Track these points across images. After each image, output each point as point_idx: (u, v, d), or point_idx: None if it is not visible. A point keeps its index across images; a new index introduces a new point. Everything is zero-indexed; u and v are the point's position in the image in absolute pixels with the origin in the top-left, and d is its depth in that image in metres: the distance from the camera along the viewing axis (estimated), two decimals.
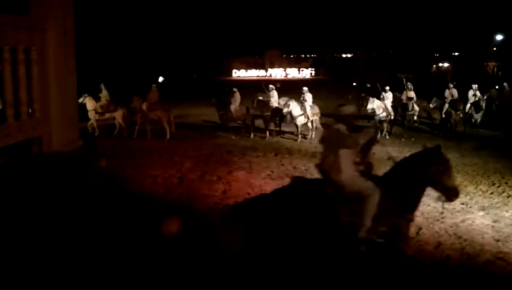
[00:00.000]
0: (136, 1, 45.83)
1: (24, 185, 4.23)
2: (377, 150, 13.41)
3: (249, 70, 69.20)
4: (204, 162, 11.84)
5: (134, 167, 10.81)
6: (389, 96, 16.21)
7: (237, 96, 16.39)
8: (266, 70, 69.94)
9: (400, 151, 13.49)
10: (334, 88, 22.96)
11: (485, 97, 17.70)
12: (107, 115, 16.13)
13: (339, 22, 64.37)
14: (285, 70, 69.95)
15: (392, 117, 16.09)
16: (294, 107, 15.05)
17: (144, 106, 15.42)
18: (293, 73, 69.11)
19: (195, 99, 24.66)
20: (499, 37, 54.06)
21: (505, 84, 20.61)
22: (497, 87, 21.49)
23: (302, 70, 69.76)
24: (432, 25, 56.90)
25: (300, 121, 15.17)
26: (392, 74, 39.36)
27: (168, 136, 15.10)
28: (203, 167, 11.21)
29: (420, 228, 7.41)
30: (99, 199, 5.68)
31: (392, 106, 16.10)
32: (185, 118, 19.88)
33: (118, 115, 15.86)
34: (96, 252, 5.16)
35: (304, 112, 15.15)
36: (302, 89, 16.15)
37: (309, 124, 15.48)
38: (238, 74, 67.90)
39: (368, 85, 22.30)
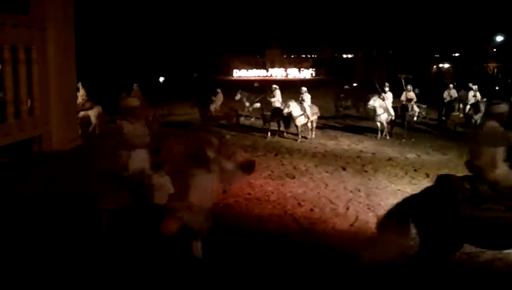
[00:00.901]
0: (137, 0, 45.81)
1: (24, 184, 4.23)
2: (377, 151, 13.52)
3: (249, 70, 69.18)
4: None
5: None
6: (389, 96, 16.18)
7: (219, 96, 16.75)
8: (267, 70, 69.94)
9: (400, 151, 13.54)
10: (334, 88, 22.89)
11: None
12: (81, 114, 15.98)
13: (339, 22, 64.35)
14: (286, 70, 69.96)
15: (393, 118, 16.07)
16: (294, 108, 15.04)
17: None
18: (293, 73, 69.10)
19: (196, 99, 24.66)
20: (499, 38, 54.07)
21: None
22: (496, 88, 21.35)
23: (302, 70, 69.77)
24: (432, 26, 56.91)
25: (301, 121, 15.17)
26: (392, 74, 39.37)
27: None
28: None
29: None
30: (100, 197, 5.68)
31: (392, 107, 16.09)
32: (185, 116, 19.93)
33: (93, 113, 15.75)
34: (98, 250, 5.16)
35: (303, 112, 15.16)
36: (300, 89, 16.19)
37: (309, 124, 15.48)
38: (239, 73, 67.85)
39: (354, 84, 22.33)
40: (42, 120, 4.85)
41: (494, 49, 56.15)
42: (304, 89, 16.09)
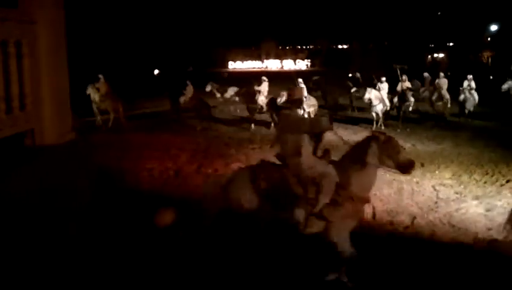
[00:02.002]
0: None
1: (17, 178, 4.22)
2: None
3: (245, 62, 69.07)
4: (200, 154, 11.83)
5: (130, 159, 10.79)
6: (384, 87, 16.19)
7: (189, 89, 17.09)
8: (262, 62, 69.82)
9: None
10: (330, 79, 22.83)
11: (504, 89, 17.91)
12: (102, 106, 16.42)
13: (335, 13, 64.17)
14: (281, 62, 69.85)
15: (388, 108, 16.08)
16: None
17: (97, 97, 16.06)
18: (289, 64, 69.01)
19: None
20: (494, 28, 54.04)
21: None
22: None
23: (298, 62, 69.68)
24: (426, 16, 56.85)
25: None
26: (388, 65, 39.30)
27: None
28: (200, 160, 11.20)
29: (415, 217, 7.47)
30: (94, 192, 5.68)
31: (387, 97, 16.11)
32: (154, 109, 20.20)
33: (109, 106, 16.17)
34: (92, 246, 5.16)
35: None
36: (296, 80, 16.14)
37: (306, 116, 15.48)
38: (234, 65, 67.73)
39: (358, 75, 22.13)
40: (34, 114, 4.83)
41: (489, 39, 56.14)
42: (300, 80, 16.07)
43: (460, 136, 14.36)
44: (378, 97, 15.50)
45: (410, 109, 16.78)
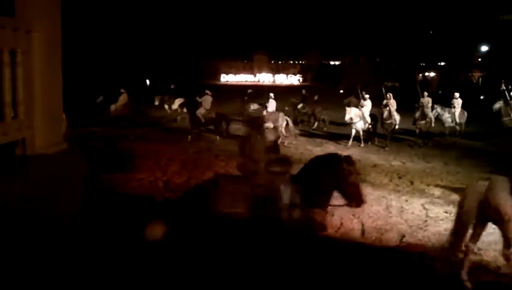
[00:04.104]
0: (126, 4, 45.62)
1: (6, 188, 4.18)
2: (362, 158, 13.58)
3: (237, 75, 69.36)
4: (190, 165, 11.83)
5: (119, 169, 10.74)
6: (367, 104, 16.24)
7: (123, 97, 18.48)
8: (255, 76, 70.14)
9: (385, 158, 13.64)
10: (321, 95, 22.97)
11: (495, 109, 18.12)
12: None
13: (327, 28, 64.80)
14: (273, 76, 70.20)
15: (370, 125, 16.10)
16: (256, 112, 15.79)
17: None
18: (281, 79, 69.37)
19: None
20: (484, 48, 54.83)
21: None
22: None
23: (290, 76, 70.09)
24: (418, 34, 57.53)
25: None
26: (379, 82, 39.64)
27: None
28: (189, 171, 11.20)
29: (404, 236, 7.49)
30: (84, 202, 5.64)
31: (370, 115, 16.15)
32: (172, 121, 20.07)
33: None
34: (81, 257, 5.12)
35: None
36: (268, 95, 17.23)
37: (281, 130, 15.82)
38: (227, 78, 67.98)
39: (304, 92, 22.56)
40: (26, 123, 4.79)
41: (479, 59, 56.93)
42: (271, 94, 16.88)
43: (449, 155, 14.48)
44: (358, 115, 15.61)
45: (397, 127, 16.66)
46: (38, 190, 4.50)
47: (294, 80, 70.26)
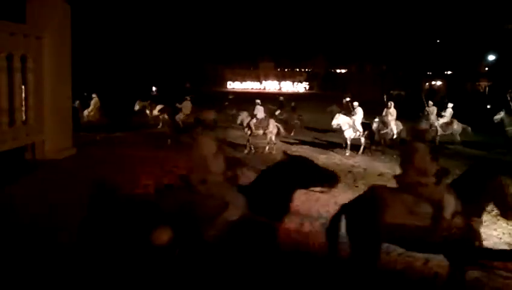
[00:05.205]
0: (132, 10, 45.90)
1: (17, 191, 4.22)
2: (368, 166, 13.55)
3: (243, 82, 69.42)
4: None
5: (126, 175, 10.76)
6: (358, 112, 16.15)
7: (94, 101, 18.64)
8: (261, 83, 70.19)
9: (391, 167, 13.59)
10: (327, 102, 22.99)
11: (496, 119, 18.04)
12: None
13: (334, 37, 64.86)
14: (279, 83, 70.22)
15: (361, 134, 15.98)
16: (245, 118, 15.88)
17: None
18: (287, 86, 69.37)
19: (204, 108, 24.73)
20: (491, 57, 54.70)
21: None
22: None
23: (296, 84, 70.09)
24: (425, 43, 57.50)
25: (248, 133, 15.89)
26: (385, 90, 39.65)
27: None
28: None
29: None
30: (90, 206, 5.66)
31: (362, 124, 16.06)
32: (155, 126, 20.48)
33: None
34: (87, 259, 5.14)
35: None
36: (255, 101, 17.00)
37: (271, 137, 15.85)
38: (233, 85, 68.03)
39: (281, 98, 22.98)
40: (36, 129, 4.87)
41: (486, 68, 56.78)
42: (258, 101, 16.89)
43: (453, 164, 14.37)
44: (347, 122, 15.50)
45: (395, 137, 16.39)
46: (47, 193, 4.55)
47: (301, 87, 70.23)
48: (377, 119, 16.34)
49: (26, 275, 4.21)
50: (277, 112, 21.01)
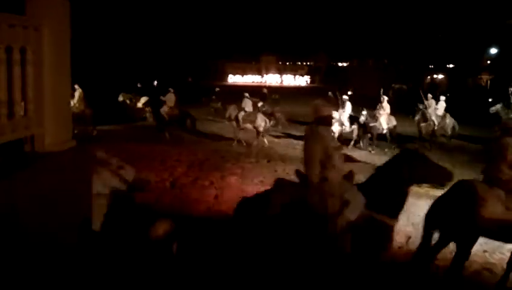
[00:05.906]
0: (133, 5, 45.82)
1: (16, 184, 4.22)
2: (368, 160, 13.55)
3: (244, 76, 69.35)
4: (197, 167, 11.87)
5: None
6: (346, 106, 16.11)
7: (78, 93, 18.04)
8: (262, 76, 70.11)
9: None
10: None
11: (492, 110, 17.98)
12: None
13: (335, 30, 64.73)
14: (281, 77, 70.12)
15: (347, 129, 15.99)
16: (232, 111, 16.03)
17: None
18: (288, 80, 69.27)
19: (192, 103, 24.72)
20: (493, 51, 54.53)
21: None
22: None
23: (298, 78, 70.00)
24: (427, 37, 57.36)
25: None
26: (387, 84, 39.55)
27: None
28: (196, 172, 11.25)
29: (409, 237, 7.49)
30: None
31: (350, 117, 16.06)
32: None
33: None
34: (87, 255, 5.15)
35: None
36: (243, 94, 17.32)
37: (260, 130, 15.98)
38: (234, 79, 67.98)
39: (265, 90, 23.23)
40: (35, 121, 4.84)
41: (488, 62, 56.62)
42: (246, 94, 17.01)
43: (456, 158, 14.42)
44: (334, 117, 15.52)
45: (384, 131, 16.43)
46: (47, 186, 4.54)
47: (302, 81, 70.17)
48: (364, 112, 16.32)
49: (26, 274, 4.21)
50: (259, 104, 20.92)
